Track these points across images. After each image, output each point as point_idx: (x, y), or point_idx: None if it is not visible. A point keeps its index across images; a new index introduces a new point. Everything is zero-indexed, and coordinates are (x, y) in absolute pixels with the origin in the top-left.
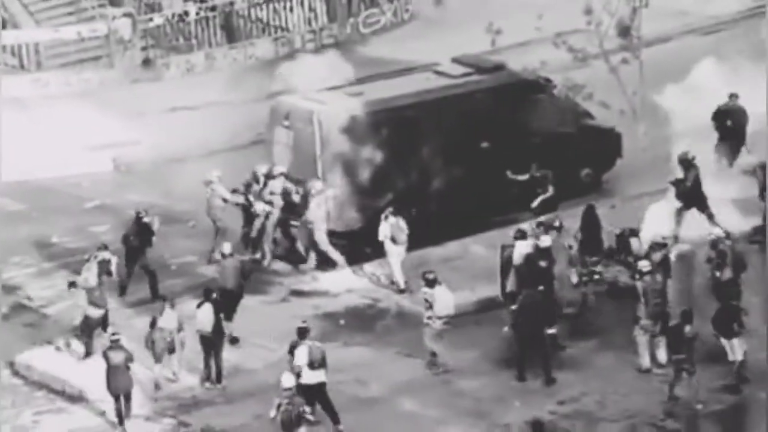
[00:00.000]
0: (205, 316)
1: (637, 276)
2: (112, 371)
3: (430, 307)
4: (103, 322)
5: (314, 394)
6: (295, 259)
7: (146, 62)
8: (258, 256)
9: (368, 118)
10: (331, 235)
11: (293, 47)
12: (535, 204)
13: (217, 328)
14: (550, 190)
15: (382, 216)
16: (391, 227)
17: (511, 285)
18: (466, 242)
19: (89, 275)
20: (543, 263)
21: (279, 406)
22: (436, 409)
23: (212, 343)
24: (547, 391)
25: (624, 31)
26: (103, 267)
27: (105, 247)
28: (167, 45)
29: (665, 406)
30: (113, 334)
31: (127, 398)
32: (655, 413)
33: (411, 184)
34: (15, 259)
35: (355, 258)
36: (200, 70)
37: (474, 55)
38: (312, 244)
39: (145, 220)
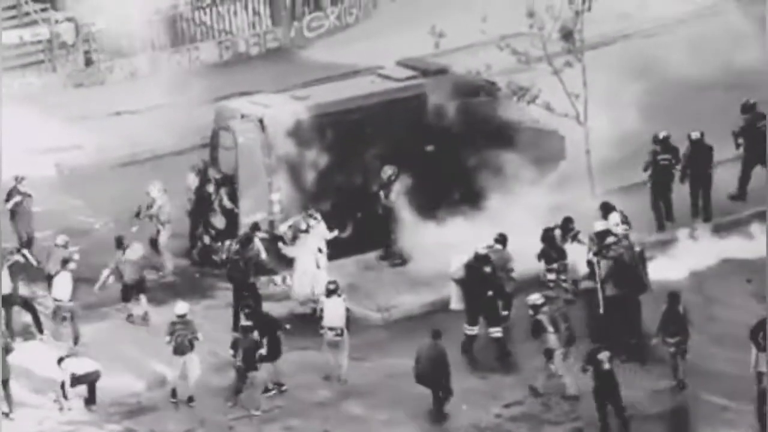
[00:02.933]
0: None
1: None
2: None
3: (322, 312)
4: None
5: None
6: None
7: (88, 63)
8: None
9: (313, 121)
10: (277, 238)
11: (237, 51)
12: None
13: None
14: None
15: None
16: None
17: (455, 302)
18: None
19: (4, 282)
20: (487, 269)
21: (172, 333)
22: (384, 412)
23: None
24: (493, 394)
25: (567, 34)
26: (17, 269)
27: (17, 250)
28: (110, 48)
29: (673, 394)
30: None
31: None
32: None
33: (356, 187)
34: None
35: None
36: (144, 73)
37: (418, 58)
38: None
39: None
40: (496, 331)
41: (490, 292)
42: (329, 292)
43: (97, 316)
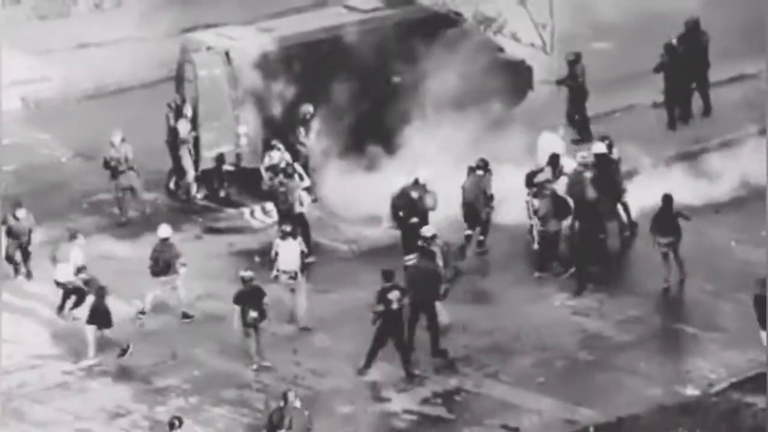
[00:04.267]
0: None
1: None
2: None
3: (276, 256)
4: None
5: None
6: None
7: None
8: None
9: (280, 53)
10: (245, 172)
11: None
12: None
13: None
14: None
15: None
16: (270, 160)
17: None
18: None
19: None
20: (414, 194)
21: (156, 256)
22: (348, 344)
23: None
24: (462, 326)
25: None
26: None
27: None
28: None
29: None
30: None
31: None
32: (569, 346)
33: (323, 119)
34: None
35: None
36: (109, 6)
37: None
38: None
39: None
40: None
41: (415, 219)
42: (284, 234)
43: None
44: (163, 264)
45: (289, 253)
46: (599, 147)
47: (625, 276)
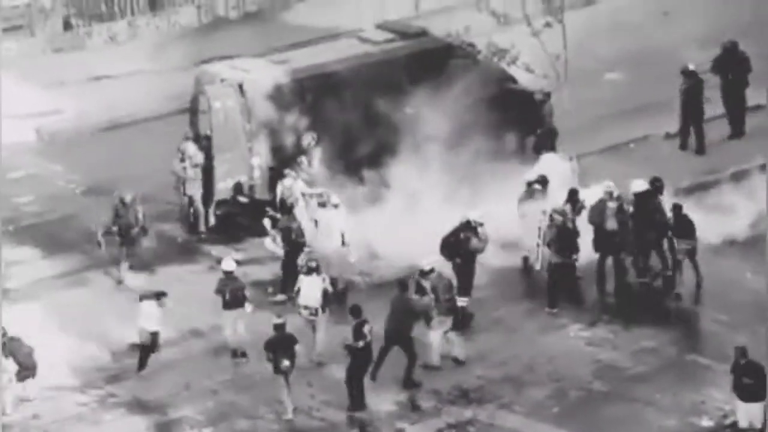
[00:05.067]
0: None
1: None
2: None
3: (299, 292)
4: None
5: None
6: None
7: (67, 27)
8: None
9: (293, 85)
10: (259, 204)
11: (217, 14)
12: None
13: None
14: None
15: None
16: (283, 189)
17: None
18: None
19: None
20: (462, 235)
21: (222, 289)
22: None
23: None
24: (477, 357)
25: None
26: None
27: None
28: (89, 13)
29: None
30: None
31: None
32: (582, 376)
33: (336, 150)
34: None
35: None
36: (123, 38)
37: (397, 20)
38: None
39: None
40: (462, 301)
41: (457, 260)
42: (309, 270)
43: (74, 282)
44: (231, 297)
45: (311, 289)
46: (639, 185)
47: (639, 307)
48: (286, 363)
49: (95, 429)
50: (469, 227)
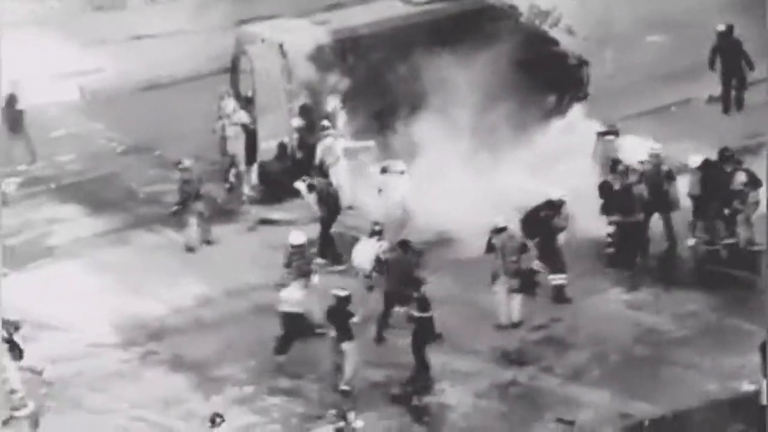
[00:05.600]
0: None
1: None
2: None
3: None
4: None
5: None
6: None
7: None
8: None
9: (333, 46)
10: (300, 164)
11: None
12: None
13: None
14: None
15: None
16: (323, 149)
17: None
18: None
19: None
20: (543, 213)
21: (290, 262)
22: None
23: None
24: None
25: None
26: None
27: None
28: None
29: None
30: None
31: None
32: (624, 340)
33: (376, 112)
34: None
35: None
36: None
37: None
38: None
39: None
40: (559, 278)
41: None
42: (372, 233)
43: (116, 240)
44: (296, 270)
45: (365, 251)
46: (695, 161)
47: (681, 271)
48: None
49: (137, 386)
50: (551, 205)
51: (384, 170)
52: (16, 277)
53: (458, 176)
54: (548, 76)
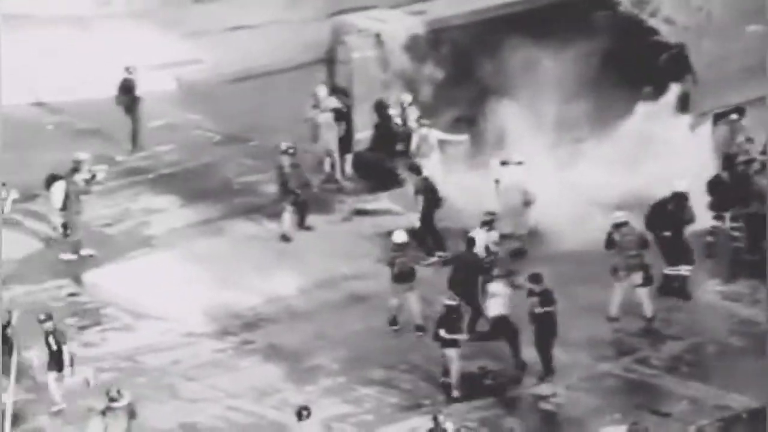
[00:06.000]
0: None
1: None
2: None
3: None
4: None
5: None
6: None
7: None
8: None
9: (430, 36)
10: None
11: None
12: None
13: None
14: None
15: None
16: (419, 139)
17: None
18: None
19: None
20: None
21: (393, 259)
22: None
23: None
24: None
25: None
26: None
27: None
28: None
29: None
30: None
31: None
32: (720, 332)
33: (472, 101)
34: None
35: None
36: None
37: None
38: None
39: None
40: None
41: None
42: (483, 223)
43: (212, 230)
44: (398, 270)
45: (477, 241)
46: None
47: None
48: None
49: (232, 375)
50: (678, 198)
51: (504, 162)
52: (114, 267)
53: (546, 169)
54: (649, 66)
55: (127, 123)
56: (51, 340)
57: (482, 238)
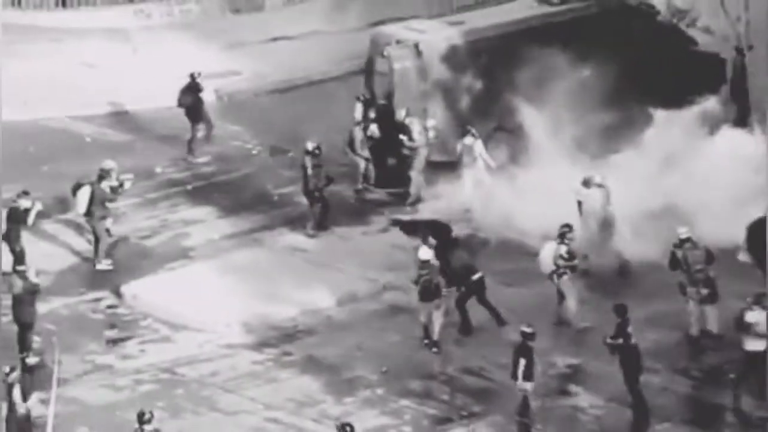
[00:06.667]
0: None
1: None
2: None
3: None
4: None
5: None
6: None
7: None
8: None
9: (469, 46)
10: (434, 165)
11: None
12: None
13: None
14: None
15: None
16: (463, 147)
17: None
18: None
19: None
20: None
21: (419, 278)
22: (538, 339)
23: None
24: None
25: None
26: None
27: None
28: None
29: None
30: None
31: None
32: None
33: (511, 113)
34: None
35: (455, 189)
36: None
37: None
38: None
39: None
40: None
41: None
42: (558, 236)
43: (250, 241)
44: (422, 288)
45: (547, 253)
46: None
47: None
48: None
49: (271, 387)
50: None
51: (586, 183)
52: (152, 279)
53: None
54: (686, 76)
55: (166, 135)
56: (16, 393)
57: (550, 252)
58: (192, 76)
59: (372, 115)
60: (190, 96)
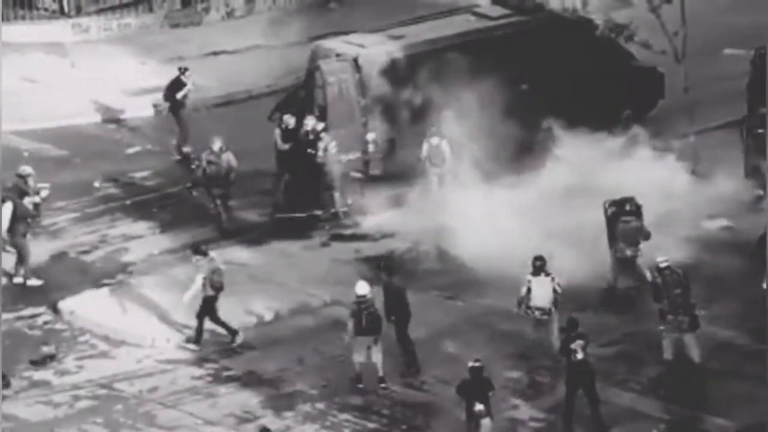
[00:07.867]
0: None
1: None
2: None
3: (529, 292)
4: None
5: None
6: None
7: (185, 3)
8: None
9: (408, 60)
10: (374, 179)
11: None
12: None
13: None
14: None
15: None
16: (430, 149)
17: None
18: None
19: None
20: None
21: (355, 313)
22: (478, 352)
23: None
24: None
25: None
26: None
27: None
28: None
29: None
30: None
31: None
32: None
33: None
34: (58, 204)
35: (398, 202)
36: (240, 13)
37: None
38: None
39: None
40: None
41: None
42: (536, 270)
43: (189, 256)
44: (366, 321)
45: (542, 289)
46: None
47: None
48: (479, 407)
49: (210, 402)
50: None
51: (613, 204)
52: (91, 294)
53: (503, 195)
54: (625, 90)
55: (105, 149)
56: None
57: (545, 287)
58: (180, 70)
59: (290, 125)
60: (173, 93)
